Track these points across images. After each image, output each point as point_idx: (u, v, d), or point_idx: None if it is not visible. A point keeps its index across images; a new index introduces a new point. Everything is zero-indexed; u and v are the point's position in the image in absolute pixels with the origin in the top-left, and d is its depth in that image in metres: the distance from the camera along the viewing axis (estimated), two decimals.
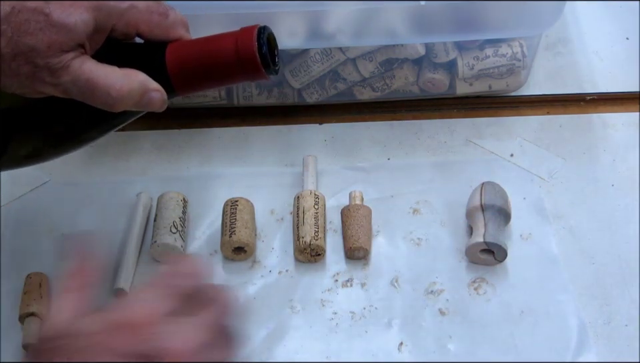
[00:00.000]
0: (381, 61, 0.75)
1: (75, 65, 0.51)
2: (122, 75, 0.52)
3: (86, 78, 0.51)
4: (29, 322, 0.64)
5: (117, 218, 0.71)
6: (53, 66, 0.50)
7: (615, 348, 0.64)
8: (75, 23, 0.50)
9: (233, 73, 0.54)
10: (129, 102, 0.52)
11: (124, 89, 0.52)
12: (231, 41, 0.53)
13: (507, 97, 0.80)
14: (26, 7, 0.49)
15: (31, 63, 0.50)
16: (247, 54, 0.53)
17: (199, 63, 0.54)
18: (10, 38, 0.49)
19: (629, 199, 0.73)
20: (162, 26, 0.55)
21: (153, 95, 0.53)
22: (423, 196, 0.73)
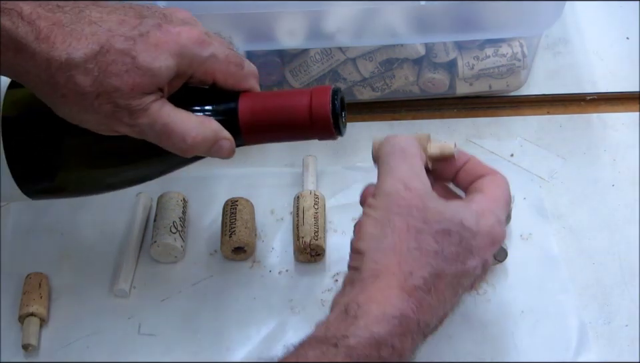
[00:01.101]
0: (381, 61, 0.75)
1: (154, 108, 0.52)
2: (197, 123, 0.54)
3: (163, 122, 0.53)
4: (28, 322, 0.64)
5: (116, 218, 0.71)
6: (133, 108, 0.52)
7: (615, 348, 0.64)
8: (160, 67, 0.52)
9: (302, 131, 0.56)
10: (201, 149, 0.54)
11: (198, 137, 0.53)
12: (305, 100, 0.55)
13: (506, 97, 0.80)
14: (114, 48, 0.51)
15: (112, 102, 0.51)
16: (321, 116, 0.54)
17: (271, 117, 0.55)
18: (95, 78, 0.50)
19: (629, 199, 0.73)
20: (236, 76, 0.56)
21: (224, 144, 0.55)
22: None
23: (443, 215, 0.52)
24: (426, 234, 0.51)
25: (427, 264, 0.50)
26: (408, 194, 0.52)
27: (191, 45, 0.53)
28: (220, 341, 0.65)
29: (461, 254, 0.51)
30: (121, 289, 0.66)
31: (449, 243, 0.51)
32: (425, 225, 0.51)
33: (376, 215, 0.53)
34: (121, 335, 0.65)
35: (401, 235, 0.51)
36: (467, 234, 0.52)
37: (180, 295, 0.68)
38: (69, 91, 0.51)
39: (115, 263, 0.69)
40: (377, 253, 0.51)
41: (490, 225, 0.53)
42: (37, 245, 0.70)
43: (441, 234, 0.51)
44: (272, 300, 0.67)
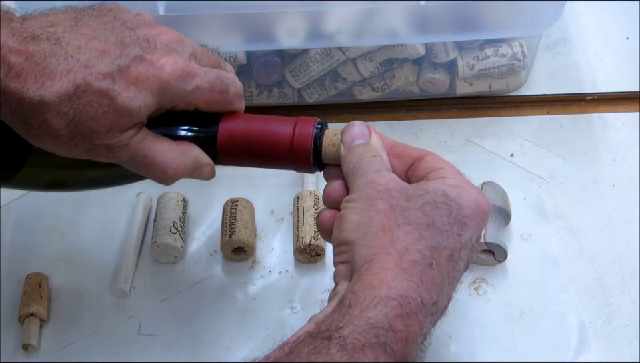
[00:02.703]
0: (381, 61, 0.75)
1: (134, 142, 0.51)
2: (178, 153, 0.53)
3: (143, 155, 0.51)
4: (28, 322, 0.64)
5: (116, 218, 0.71)
6: (111, 146, 0.50)
7: (615, 348, 0.64)
8: (139, 107, 0.50)
9: (279, 161, 0.54)
10: (182, 176, 0.54)
11: (179, 168, 0.53)
12: (287, 132, 0.53)
13: (507, 97, 0.80)
14: (91, 88, 0.48)
15: (89, 142, 0.50)
16: (301, 150, 0.53)
17: (249, 145, 0.54)
18: (70, 120, 0.48)
19: (629, 199, 0.73)
20: (220, 103, 0.55)
21: (204, 170, 0.55)
22: None
23: (425, 189, 0.50)
24: (412, 210, 0.49)
25: (421, 237, 0.48)
26: (383, 179, 0.50)
27: (173, 81, 0.51)
28: (220, 341, 0.65)
29: (454, 225, 0.49)
30: (120, 289, 0.66)
31: (439, 214, 0.48)
32: (408, 202, 0.49)
33: (356, 204, 0.50)
34: (121, 335, 0.65)
35: (387, 214, 0.48)
36: (454, 205, 0.49)
37: (180, 295, 0.68)
38: (42, 132, 0.49)
39: (115, 263, 0.69)
40: (367, 237, 0.48)
41: (474, 196, 0.51)
42: (37, 245, 0.70)
43: (428, 206, 0.49)
44: (272, 300, 0.67)
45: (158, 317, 0.66)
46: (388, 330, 0.45)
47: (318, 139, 0.54)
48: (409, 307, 0.46)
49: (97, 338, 0.65)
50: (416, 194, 0.49)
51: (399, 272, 0.47)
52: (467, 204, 0.50)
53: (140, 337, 0.65)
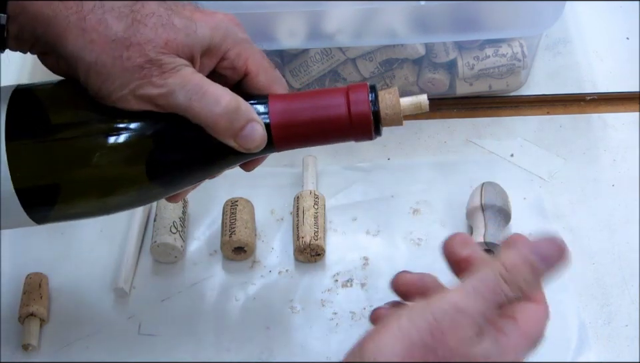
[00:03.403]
0: (381, 61, 0.75)
1: (186, 71, 0.49)
2: (231, 94, 0.50)
3: (196, 83, 0.49)
4: (28, 322, 0.64)
5: (116, 218, 0.71)
6: (166, 64, 0.48)
7: (615, 348, 0.64)
8: (195, 30, 0.50)
9: (339, 133, 0.51)
10: (233, 124, 0.49)
11: (232, 104, 0.49)
12: (341, 99, 0.50)
13: (507, 97, 0.80)
14: (150, 5, 0.49)
15: (144, 55, 0.48)
16: (361, 117, 0.50)
17: (305, 119, 0.51)
18: (129, 24, 0.48)
19: (629, 199, 0.73)
20: (269, 74, 0.53)
21: (256, 127, 0.50)
22: (422, 196, 0.73)
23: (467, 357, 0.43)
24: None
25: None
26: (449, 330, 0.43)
27: (227, 22, 0.52)
28: (220, 341, 0.65)
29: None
30: (120, 289, 0.67)
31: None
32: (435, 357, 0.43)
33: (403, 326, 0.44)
34: (121, 335, 0.65)
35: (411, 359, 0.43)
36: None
37: (180, 295, 0.68)
38: (100, 35, 0.47)
39: (115, 263, 0.69)
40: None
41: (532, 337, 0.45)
42: (37, 245, 0.70)
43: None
44: (272, 300, 0.67)
45: (158, 317, 0.66)
46: None
47: (375, 103, 0.50)
48: None
49: (97, 338, 0.65)
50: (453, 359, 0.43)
51: None
52: None
53: (140, 337, 0.65)
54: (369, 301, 0.67)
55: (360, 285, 0.68)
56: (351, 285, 0.68)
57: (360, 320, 0.66)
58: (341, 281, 0.68)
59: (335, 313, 0.66)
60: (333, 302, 0.67)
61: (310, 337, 0.65)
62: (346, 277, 0.68)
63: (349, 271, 0.69)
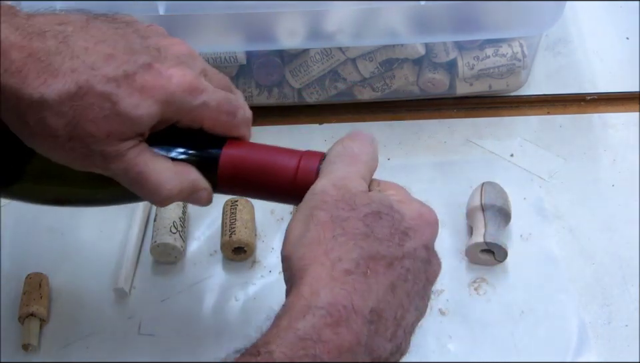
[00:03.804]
0: (381, 61, 0.75)
1: (130, 155, 0.48)
2: (174, 174, 0.50)
3: (138, 171, 0.49)
4: (28, 322, 0.64)
5: (117, 218, 0.71)
6: (108, 154, 0.48)
7: (615, 348, 0.64)
8: (141, 116, 0.47)
9: (282, 194, 0.52)
10: (176, 199, 0.51)
11: (174, 190, 0.50)
12: (292, 162, 0.51)
13: (507, 97, 0.80)
14: (93, 90, 0.46)
15: (85, 147, 0.47)
16: (306, 184, 0.50)
17: (252, 174, 0.51)
18: (69, 121, 0.46)
19: (629, 199, 0.73)
20: (226, 126, 0.52)
21: (201, 195, 0.52)
22: (422, 196, 0.72)
23: (371, 199, 0.48)
24: (353, 220, 0.47)
25: (356, 247, 0.46)
26: (336, 191, 0.48)
27: (180, 93, 0.49)
28: (220, 341, 0.65)
29: (395, 235, 0.47)
30: (120, 289, 0.66)
31: (380, 225, 0.47)
32: (352, 212, 0.47)
33: (300, 215, 0.48)
34: (121, 335, 0.65)
35: (325, 226, 0.47)
36: (398, 216, 0.48)
37: (180, 295, 0.68)
38: (39, 131, 0.47)
39: (115, 263, 0.69)
40: (301, 250, 0.47)
41: (417, 207, 0.50)
42: (37, 245, 0.70)
43: (371, 217, 0.47)
44: (272, 300, 0.67)
45: (158, 317, 0.66)
46: (317, 341, 0.43)
47: None
48: (339, 314, 0.44)
49: (96, 338, 0.65)
50: (362, 203, 0.48)
51: (329, 281, 0.45)
52: (410, 216, 0.49)
53: (140, 337, 0.65)
54: None
55: None
56: None
57: None
58: None
59: None
60: None
61: None
62: None
63: None
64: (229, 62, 0.74)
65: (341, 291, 0.44)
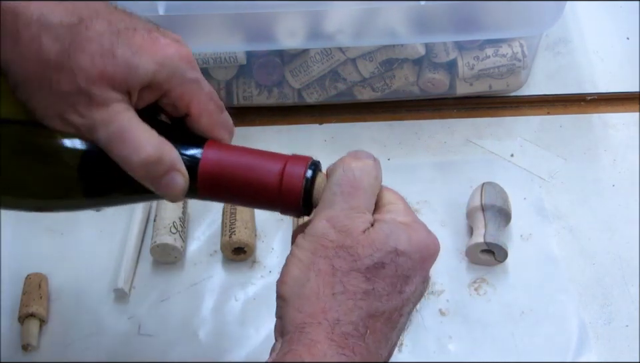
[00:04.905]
0: (381, 61, 0.75)
1: (115, 108, 0.46)
2: (157, 142, 0.47)
3: (120, 125, 0.46)
4: (28, 322, 0.64)
5: (116, 218, 0.71)
6: (94, 96, 0.45)
7: (615, 348, 0.64)
8: (137, 65, 0.46)
9: (266, 201, 0.49)
10: (151, 173, 0.47)
11: (154, 156, 0.46)
12: (277, 167, 0.48)
13: (507, 97, 0.80)
14: (95, 28, 0.45)
15: (73, 82, 0.45)
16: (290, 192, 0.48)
17: (234, 175, 0.48)
18: (65, 48, 0.44)
19: (629, 199, 0.73)
20: (213, 117, 0.50)
21: (176, 178, 0.48)
22: (423, 196, 0.73)
23: (375, 246, 0.46)
24: (354, 274, 0.45)
25: (356, 307, 0.45)
26: (338, 236, 0.46)
27: (176, 59, 0.48)
28: (220, 341, 0.65)
29: (397, 283, 0.46)
30: (120, 289, 0.66)
31: (383, 276, 0.46)
32: (353, 263, 0.45)
33: (301, 256, 0.47)
34: (121, 335, 0.65)
35: (325, 279, 0.45)
36: (402, 259, 0.46)
37: (180, 295, 0.68)
38: (31, 53, 0.44)
39: (115, 263, 0.69)
40: (299, 301, 0.46)
41: (423, 238, 0.48)
42: (37, 245, 0.70)
43: (374, 269, 0.46)
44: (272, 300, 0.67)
45: (158, 317, 0.66)
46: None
47: (309, 181, 0.48)
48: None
49: (96, 338, 0.65)
50: (365, 254, 0.46)
51: (330, 345, 0.44)
52: (416, 249, 0.47)
53: (140, 337, 0.65)
54: None
55: None
56: None
57: None
58: None
59: None
60: None
61: None
62: None
63: None
64: (228, 62, 0.74)
65: (341, 357, 0.44)
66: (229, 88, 0.77)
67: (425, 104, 0.80)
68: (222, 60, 0.74)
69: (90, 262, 0.69)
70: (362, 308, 0.45)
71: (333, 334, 0.44)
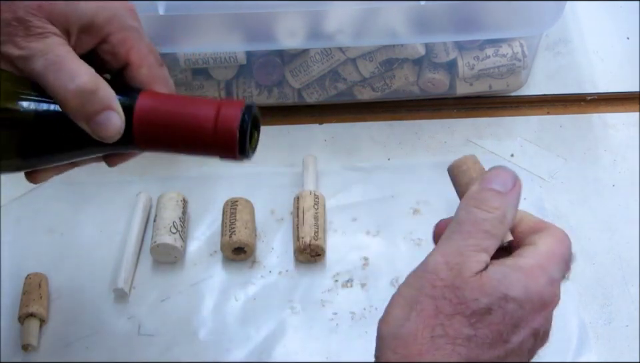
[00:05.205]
0: (381, 61, 0.75)
1: (53, 40, 0.46)
2: (94, 75, 0.46)
3: (57, 54, 0.46)
4: (28, 322, 0.64)
5: (117, 218, 0.71)
6: (33, 27, 0.45)
7: (615, 348, 0.64)
8: (77, 3, 0.46)
9: (203, 145, 0.48)
10: (85, 106, 0.46)
11: (88, 85, 0.46)
12: (212, 110, 0.47)
13: (507, 97, 0.80)
14: None
15: (13, 11, 0.45)
16: (226, 131, 0.47)
17: (170, 122, 0.48)
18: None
19: (629, 199, 0.73)
20: (152, 69, 0.50)
21: (112, 117, 0.46)
22: (422, 196, 0.73)
23: (483, 290, 0.44)
24: (458, 318, 0.43)
25: (454, 353, 0.43)
26: (448, 274, 0.44)
27: (119, 6, 0.48)
28: (220, 341, 0.65)
29: (503, 332, 0.44)
30: (120, 289, 0.66)
31: (489, 322, 0.43)
32: (460, 306, 0.43)
33: (406, 294, 0.45)
34: (121, 335, 0.65)
35: (426, 320, 0.44)
36: (512, 306, 0.44)
37: (180, 295, 0.68)
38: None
39: (114, 263, 0.69)
40: (395, 341, 0.44)
41: (540, 288, 0.45)
42: (37, 245, 0.70)
43: (479, 315, 0.43)
44: (272, 300, 0.67)
45: (158, 317, 0.66)
46: None
47: (245, 121, 0.48)
48: None
49: (96, 338, 0.65)
50: (472, 297, 0.43)
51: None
52: (530, 300, 0.45)
53: (140, 337, 0.65)
54: (369, 301, 0.67)
55: (360, 285, 0.68)
56: (351, 285, 0.68)
57: (360, 320, 0.66)
58: (341, 282, 0.68)
59: (335, 313, 0.66)
60: (333, 302, 0.67)
61: (310, 337, 0.65)
62: (346, 278, 0.68)
63: (349, 271, 0.69)
64: (228, 62, 0.74)
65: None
66: (229, 88, 0.77)
67: (425, 104, 0.80)
68: (222, 60, 0.74)
69: (90, 262, 0.69)
70: (460, 354, 0.43)
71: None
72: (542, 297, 0.45)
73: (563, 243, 0.48)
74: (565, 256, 0.48)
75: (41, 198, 0.73)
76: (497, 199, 0.46)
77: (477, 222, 0.46)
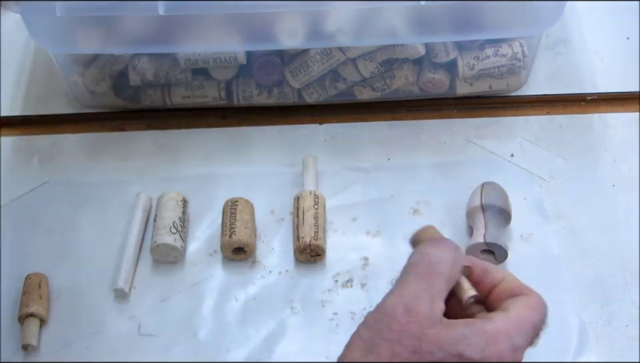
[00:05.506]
0: (381, 61, 0.75)
1: None
2: None
3: None
4: (28, 322, 0.64)
5: (116, 218, 0.71)
6: None
7: (615, 348, 0.64)
8: None
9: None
10: None
11: None
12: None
13: (507, 97, 0.80)
14: None
15: None
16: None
17: None
18: None
19: (629, 199, 0.73)
20: None
21: None
22: (423, 196, 0.73)
23: (440, 344, 0.45)
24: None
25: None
26: (405, 318, 0.45)
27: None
28: (220, 341, 0.65)
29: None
30: (120, 289, 0.66)
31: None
32: (415, 355, 0.44)
33: (364, 335, 0.46)
34: (121, 335, 0.65)
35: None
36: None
37: (180, 295, 0.68)
38: None
39: (115, 263, 0.69)
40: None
41: (501, 353, 0.45)
42: (37, 245, 0.70)
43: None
44: (272, 300, 0.67)
45: (158, 317, 0.66)
46: None
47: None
48: None
49: (96, 338, 0.65)
50: (427, 349, 0.44)
51: None
52: (484, 357, 0.45)
53: (140, 337, 0.65)
54: (369, 301, 0.67)
55: (360, 285, 0.68)
56: (351, 285, 0.68)
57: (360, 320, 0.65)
58: (341, 282, 0.68)
59: (335, 313, 0.66)
60: (333, 302, 0.67)
61: (310, 338, 0.65)
62: (346, 278, 0.68)
63: (349, 271, 0.69)
64: (228, 62, 0.74)
65: None
66: (229, 88, 0.77)
67: (425, 104, 0.80)
68: (222, 60, 0.74)
69: (90, 262, 0.69)
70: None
71: None
72: (501, 360, 0.45)
73: (535, 310, 0.48)
74: (536, 323, 0.48)
75: (41, 198, 0.73)
76: (449, 246, 0.49)
77: (432, 264, 0.47)
